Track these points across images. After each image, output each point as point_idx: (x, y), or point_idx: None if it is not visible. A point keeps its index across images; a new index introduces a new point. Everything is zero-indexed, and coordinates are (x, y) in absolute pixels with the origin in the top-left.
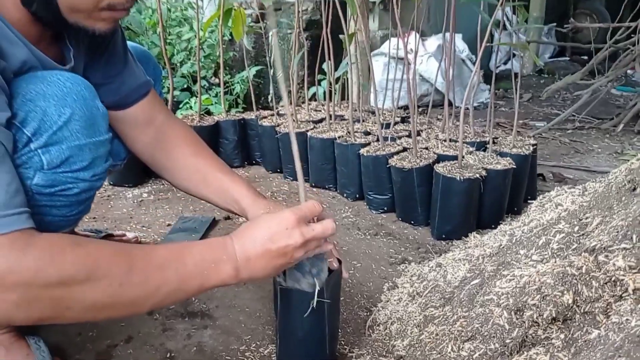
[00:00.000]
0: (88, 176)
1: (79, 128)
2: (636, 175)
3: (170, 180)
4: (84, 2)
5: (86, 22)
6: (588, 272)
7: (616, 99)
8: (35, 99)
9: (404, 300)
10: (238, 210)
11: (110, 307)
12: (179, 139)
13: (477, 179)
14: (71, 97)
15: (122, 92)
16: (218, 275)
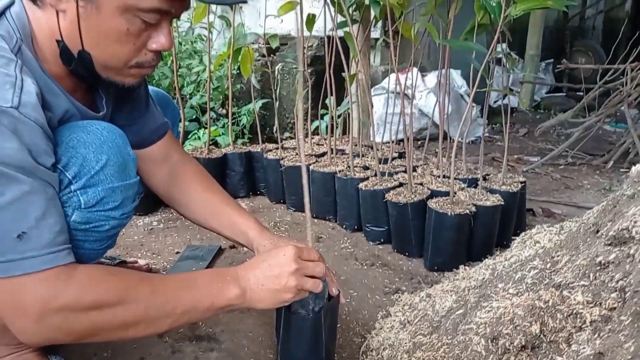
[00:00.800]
0: (118, 215)
1: (113, 172)
2: (599, 219)
3: (182, 213)
4: (115, 61)
5: (117, 77)
6: (554, 306)
7: (609, 135)
8: (76, 146)
9: (395, 328)
10: (245, 241)
11: (136, 326)
12: (191, 175)
13: (467, 214)
14: (107, 145)
15: (143, 133)
16: (225, 295)
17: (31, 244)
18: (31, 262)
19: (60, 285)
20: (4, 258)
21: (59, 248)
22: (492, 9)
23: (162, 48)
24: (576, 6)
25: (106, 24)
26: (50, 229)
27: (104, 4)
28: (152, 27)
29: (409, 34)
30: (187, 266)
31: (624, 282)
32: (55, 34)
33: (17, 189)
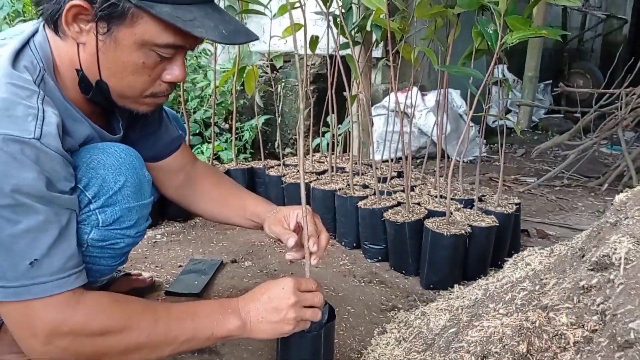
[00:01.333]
0: (133, 233)
1: (129, 193)
2: (585, 244)
3: (197, 210)
4: (131, 91)
5: (132, 105)
6: (540, 326)
7: (605, 158)
8: (97, 168)
9: (391, 344)
10: (258, 221)
11: (139, 352)
12: (202, 175)
13: (462, 235)
14: (125, 167)
15: (158, 147)
16: (225, 326)
17: (42, 271)
18: (42, 287)
19: (68, 311)
20: (17, 283)
21: (69, 273)
22: (488, 37)
23: (176, 80)
24: (575, 29)
25: (123, 57)
26: (61, 255)
27: (122, 39)
28: (167, 60)
29: (409, 56)
30: (190, 279)
31: (604, 305)
32: (74, 63)
33: (33, 218)
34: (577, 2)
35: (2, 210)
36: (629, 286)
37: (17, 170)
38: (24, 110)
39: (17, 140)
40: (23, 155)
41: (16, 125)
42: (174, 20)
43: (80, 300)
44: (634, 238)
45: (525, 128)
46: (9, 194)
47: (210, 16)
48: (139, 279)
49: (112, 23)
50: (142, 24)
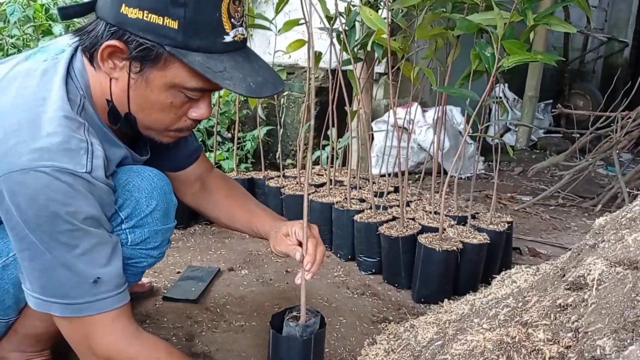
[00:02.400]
0: (156, 254)
1: (159, 217)
2: (566, 264)
3: (210, 218)
4: (157, 125)
5: (156, 137)
6: (520, 342)
7: (601, 178)
8: (132, 190)
9: (380, 355)
10: (263, 236)
11: None
12: (216, 185)
13: (454, 251)
14: (157, 191)
15: (178, 159)
16: None
17: (104, 287)
18: (104, 303)
19: (126, 342)
20: (82, 300)
21: (124, 288)
22: (486, 59)
23: (202, 118)
24: (577, 50)
25: (153, 96)
26: (116, 272)
27: (153, 79)
28: (195, 100)
29: (409, 74)
30: (187, 286)
31: (578, 323)
32: (106, 94)
33: (89, 240)
34: (572, 29)
35: (61, 236)
36: (600, 306)
37: (73, 199)
38: (77, 144)
39: (72, 174)
40: (78, 185)
41: (71, 159)
42: (204, 71)
43: (137, 336)
44: (607, 260)
45: (524, 147)
46: (68, 220)
47: (240, 66)
48: (138, 283)
49: (145, 64)
50: (173, 68)
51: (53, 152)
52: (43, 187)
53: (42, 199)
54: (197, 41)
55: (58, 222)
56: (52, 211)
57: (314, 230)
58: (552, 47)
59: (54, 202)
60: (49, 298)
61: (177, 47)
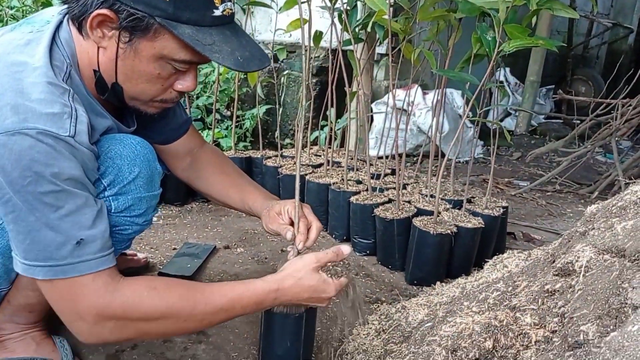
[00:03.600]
0: (141, 221)
1: (142, 184)
2: (556, 250)
3: (202, 193)
4: (143, 96)
5: (141, 107)
6: (507, 325)
7: (599, 165)
8: (114, 158)
9: (371, 335)
10: (255, 214)
11: (174, 333)
12: (208, 161)
13: (448, 234)
14: (140, 159)
15: (167, 132)
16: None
17: (87, 249)
18: (88, 265)
19: (109, 296)
20: (65, 262)
21: (109, 252)
22: (487, 43)
23: (187, 90)
24: (581, 35)
25: (141, 67)
26: (101, 235)
27: (142, 50)
28: (181, 72)
29: (410, 56)
30: (183, 262)
31: (564, 309)
32: (93, 63)
33: (73, 202)
34: (575, 14)
35: (45, 197)
36: (586, 292)
37: (56, 160)
38: (61, 108)
39: (55, 137)
40: (61, 148)
41: (54, 123)
42: (194, 44)
43: (118, 287)
44: (595, 248)
45: (524, 132)
46: (51, 181)
47: (229, 40)
48: (134, 259)
49: (134, 34)
50: (162, 40)
51: (37, 116)
52: (27, 148)
53: (26, 160)
54: (187, 13)
55: (42, 183)
56: (36, 171)
57: (307, 209)
58: (556, 32)
59: (38, 163)
60: (33, 261)
61: (167, 18)
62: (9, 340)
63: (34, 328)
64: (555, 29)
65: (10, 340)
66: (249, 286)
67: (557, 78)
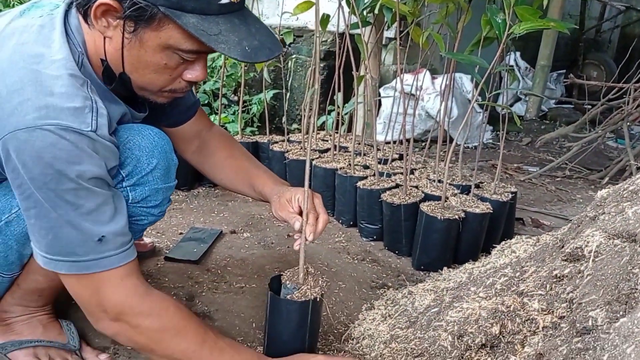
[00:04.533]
0: (156, 212)
1: (159, 175)
2: (565, 236)
3: (211, 178)
4: (151, 87)
5: (150, 97)
6: (514, 311)
7: (610, 151)
8: (132, 149)
9: (377, 320)
10: (263, 197)
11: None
12: (217, 145)
13: (455, 219)
14: (157, 150)
15: (174, 115)
16: None
17: (109, 245)
18: (110, 260)
19: (137, 300)
20: (87, 257)
21: (129, 246)
22: (497, 26)
23: (197, 80)
24: (594, 19)
25: (147, 57)
26: (120, 230)
27: (147, 40)
28: (190, 62)
29: (418, 39)
30: (189, 247)
31: (573, 294)
32: (100, 52)
33: (94, 200)
34: None
35: (66, 194)
36: (596, 277)
37: (78, 157)
38: (82, 102)
39: (77, 132)
40: (83, 144)
41: (76, 117)
42: (198, 34)
43: (148, 293)
44: (606, 232)
45: (534, 117)
46: (73, 179)
47: (237, 29)
48: (140, 243)
49: (139, 24)
50: (167, 30)
51: (58, 110)
52: (49, 145)
53: (48, 157)
54: (192, 2)
55: (63, 181)
56: (58, 169)
57: (317, 199)
58: (568, 16)
59: (60, 160)
60: (55, 256)
61: (171, 7)
62: (16, 323)
63: (41, 311)
64: (567, 13)
65: (18, 323)
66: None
67: (568, 62)
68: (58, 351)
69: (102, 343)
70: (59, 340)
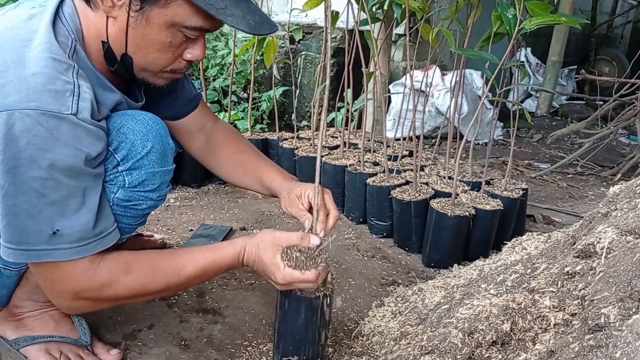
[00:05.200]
0: (155, 196)
1: (155, 159)
2: (576, 232)
3: (217, 173)
4: (153, 66)
5: (150, 78)
6: (525, 308)
7: (623, 147)
8: (126, 133)
9: (387, 317)
10: (272, 192)
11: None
12: (224, 140)
13: (466, 216)
14: (152, 134)
15: (176, 106)
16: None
17: (63, 239)
18: (62, 253)
19: (86, 282)
20: (39, 247)
21: (88, 241)
22: (507, 21)
23: (196, 59)
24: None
25: (152, 35)
26: (81, 227)
27: (153, 18)
28: (191, 40)
29: (428, 36)
30: (199, 243)
31: (585, 291)
32: (101, 35)
33: (59, 192)
34: None
35: (33, 182)
36: (608, 274)
37: (52, 145)
38: (63, 85)
39: (56, 116)
40: (60, 131)
41: (55, 100)
42: (207, 8)
43: (98, 271)
44: (618, 229)
45: (545, 113)
46: (44, 168)
47: (239, 5)
48: (151, 240)
49: (145, 2)
50: (174, 6)
51: (38, 93)
52: (25, 130)
53: (23, 142)
54: None
55: (33, 168)
56: (30, 155)
57: (327, 195)
58: (579, 11)
59: (33, 146)
60: (6, 243)
61: None
62: (29, 318)
63: (52, 306)
64: (578, 8)
65: (30, 318)
66: (219, 253)
67: (579, 58)
68: (70, 347)
69: (113, 338)
70: (71, 335)
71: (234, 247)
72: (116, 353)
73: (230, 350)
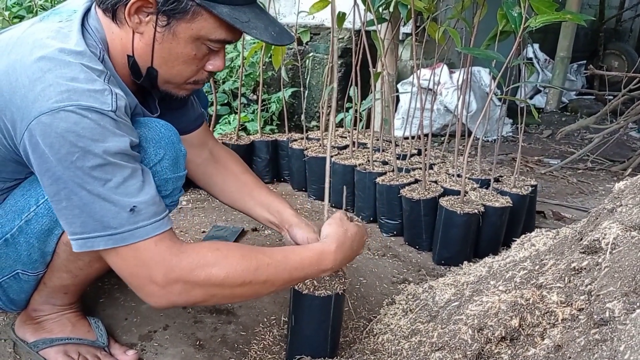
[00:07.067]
0: (167, 202)
1: (167, 165)
2: (583, 228)
3: (216, 193)
4: (178, 79)
5: (174, 90)
6: (533, 303)
7: (633, 142)
8: (140, 140)
9: (398, 315)
10: (279, 220)
11: (239, 298)
12: (227, 160)
13: (475, 214)
14: (164, 141)
15: (183, 122)
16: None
17: (142, 215)
18: (144, 230)
19: (174, 260)
20: (122, 229)
21: (162, 215)
22: (512, 19)
23: (218, 70)
24: (614, 8)
25: (178, 49)
26: (152, 201)
27: (179, 32)
28: (213, 52)
29: (435, 34)
30: None
31: (591, 286)
32: (127, 49)
33: (121, 173)
34: None
35: (93, 171)
36: (613, 269)
37: (101, 135)
38: (101, 85)
39: (98, 112)
40: (105, 122)
41: (96, 99)
42: (233, 21)
43: (182, 250)
44: (623, 225)
45: (554, 109)
46: (99, 155)
47: (260, 18)
48: None
49: (172, 18)
50: (200, 20)
51: (79, 93)
52: (72, 125)
53: (72, 137)
54: None
55: (89, 157)
56: (83, 147)
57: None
58: (587, 6)
59: (84, 138)
60: (91, 233)
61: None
62: (47, 321)
63: (69, 309)
64: (586, 3)
65: (48, 321)
66: (309, 247)
67: (588, 53)
68: (87, 348)
69: (129, 340)
70: (88, 337)
71: (322, 243)
72: (133, 354)
73: (244, 350)
